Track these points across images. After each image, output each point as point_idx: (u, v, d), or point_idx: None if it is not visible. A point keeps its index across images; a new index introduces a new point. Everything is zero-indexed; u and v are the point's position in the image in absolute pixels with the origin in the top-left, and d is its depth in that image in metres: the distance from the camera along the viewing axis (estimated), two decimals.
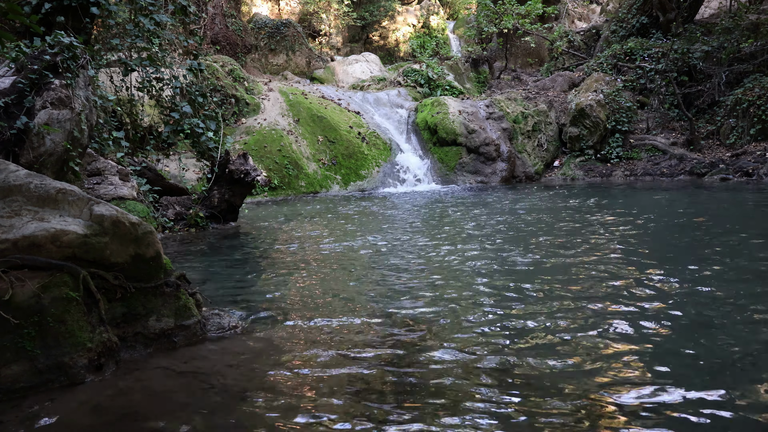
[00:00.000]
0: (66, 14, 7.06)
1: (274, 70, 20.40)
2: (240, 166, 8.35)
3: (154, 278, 3.40)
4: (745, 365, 2.94)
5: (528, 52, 23.60)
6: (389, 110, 17.13)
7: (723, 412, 2.46)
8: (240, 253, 6.55)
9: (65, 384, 2.89)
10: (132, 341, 3.31)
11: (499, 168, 14.61)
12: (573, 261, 5.36)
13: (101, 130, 7.52)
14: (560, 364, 3.03)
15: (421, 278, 4.99)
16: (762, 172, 11.95)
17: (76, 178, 5.68)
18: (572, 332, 3.49)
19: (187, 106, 8.36)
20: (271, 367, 3.12)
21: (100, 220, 3.20)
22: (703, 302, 3.97)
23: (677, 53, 14.98)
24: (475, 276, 4.97)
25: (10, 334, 2.80)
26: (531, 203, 10.09)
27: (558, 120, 16.11)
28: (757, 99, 13.10)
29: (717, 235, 6.43)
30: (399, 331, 3.62)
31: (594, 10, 23.94)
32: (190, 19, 9.39)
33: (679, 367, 2.94)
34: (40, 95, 5.28)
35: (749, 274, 4.64)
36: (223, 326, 3.72)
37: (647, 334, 3.42)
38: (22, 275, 2.90)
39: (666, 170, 13.66)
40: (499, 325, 3.67)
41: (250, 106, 14.85)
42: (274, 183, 12.86)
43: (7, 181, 3.21)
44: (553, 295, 4.27)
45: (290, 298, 4.53)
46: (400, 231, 7.63)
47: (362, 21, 24.14)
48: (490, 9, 20.42)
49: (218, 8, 18.74)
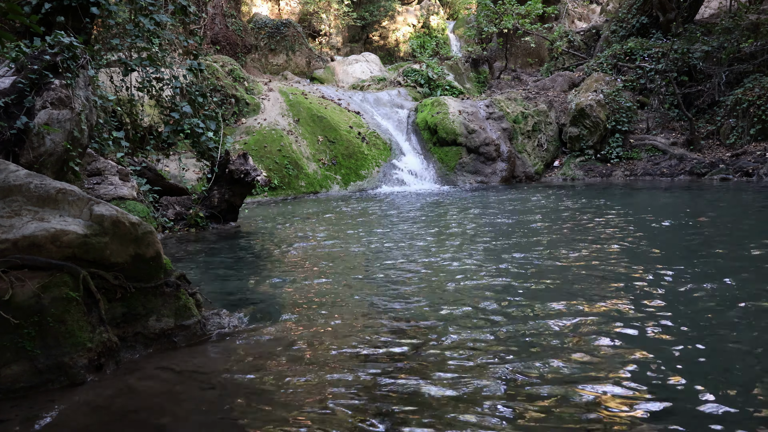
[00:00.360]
0: (66, 14, 7.06)
1: (274, 70, 20.40)
2: (240, 166, 8.35)
3: (154, 278, 3.40)
4: (752, 364, 2.94)
5: (528, 52, 23.60)
6: (389, 110, 17.13)
7: (734, 410, 2.46)
8: (240, 253, 6.55)
9: (65, 384, 2.89)
10: (132, 341, 3.31)
11: (499, 168, 14.61)
12: (574, 262, 5.36)
13: (101, 130, 7.52)
14: (563, 367, 3.02)
15: (421, 278, 4.99)
16: (762, 172, 11.95)
17: (76, 178, 5.68)
18: (574, 334, 3.49)
19: (187, 106, 8.36)
20: (272, 367, 3.12)
21: (100, 220, 3.20)
22: (704, 302, 3.97)
23: (677, 53, 14.99)
24: (476, 277, 4.97)
25: (10, 334, 2.80)
26: (531, 203, 10.09)
27: (558, 120, 16.11)
28: (757, 99, 13.10)
29: (717, 234, 6.43)
30: (399, 331, 3.62)
31: (594, 10, 23.94)
32: (190, 19, 9.39)
33: (687, 369, 2.94)
34: (40, 95, 5.28)
35: (750, 273, 4.64)
36: (223, 326, 3.72)
37: (649, 335, 3.42)
38: (22, 275, 2.90)
39: (666, 170, 13.66)
40: (499, 326, 3.66)
41: (250, 106, 14.85)
42: (274, 183, 12.86)
43: (7, 181, 3.21)
44: (554, 297, 4.27)
45: (290, 298, 4.53)
46: (400, 231, 7.63)
47: (362, 21, 24.14)
48: (490, 9, 20.42)
49: (218, 8, 18.74)
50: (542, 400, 2.63)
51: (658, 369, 2.92)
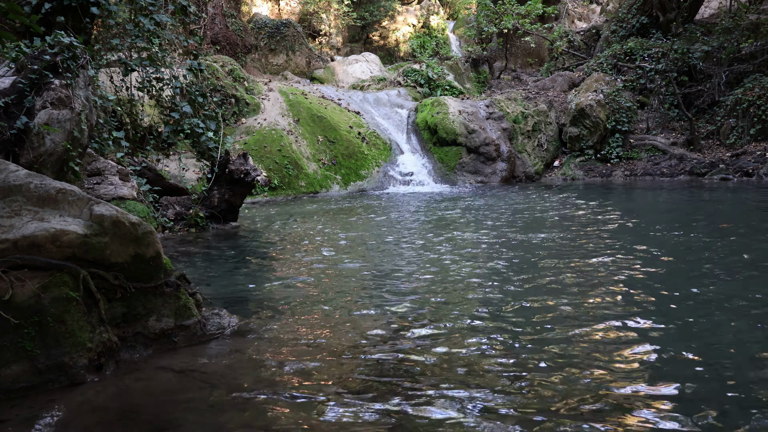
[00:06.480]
0: (66, 14, 7.06)
1: (274, 70, 20.39)
2: (240, 166, 8.35)
3: (154, 278, 3.40)
4: (750, 365, 2.94)
5: (528, 52, 23.60)
6: (389, 110, 17.13)
7: (734, 408, 2.46)
8: (240, 253, 6.55)
9: (65, 384, 2.89)
10: (132, 341, 3.31)
11: (499, 168, 14.61)
12: (574, 262, 5.36)
13: (101, 130, 7.52)
14: (565, 369, 3.02)
15: (421, 279, 4.99)
16: (762, 172, 11.95)
17: (76, 178, 5.68)
18: (577, 335, 3.49)
19: (187, 106, 8.35)
20: (272, 366, 3.12)
21: (100, 220, 3.20)
22: (706, 301, 3.97)
23: (677, 53, 14.98)
24: (476, 278, 4.97)
25: (10, 334, 2.80)
26: (531, 203, 10.08)
27: (558, 120, 16.11)
28: (757, 99, 13.10)
29: (717, 234, 6.43)
30: (399, 331, 3.62)
31: (594, 10, 23.93)
32: (190, 19, 9.39)
33: (687, 371, 2.94)
34: (40, 95, 5.28)
35: (752, 272, 4.64)
36: (223, 326, 3.72)
37: (650, 338, 3.42)
38: (22, 275, 2.90)
39: (666, 170, 13.66)
40: (500, 327, 3.67)
41: (250, 106, 14.85)
42: (274, 183, 12.86)
43: (7, 181, 3.21)
44: (555, 298, 4.27)
45: (290, 297, 4.53)
46: (399, 231, 7.63)
47: (362, 21, 24.13)
48: (490, 9, 20.42)
49: (218, 8, 18.73)
50: (546, 400, 2.63)
51: (658, 370, 2.92)
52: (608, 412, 2.50)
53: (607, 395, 2.64)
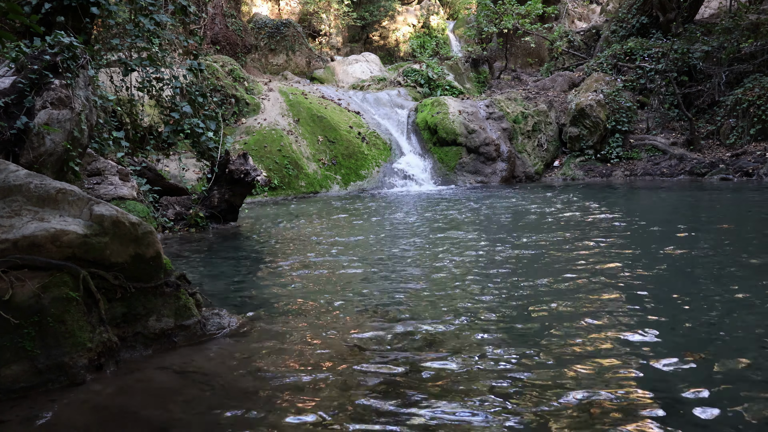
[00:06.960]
0: (66, 14, 7.06)
1: (274, 70, 20.39)
2: (240, 166, 8.35)
3: (154, 278, 3.40)
4: (750, 366, 2.94)
5: (528, 52, 23.60)
6: (389, 110, 17.13)
7: (735, 407, 2.46)
8: (240, 253, 6.55)
9: (65, 384, 2.89)
10: (132, 341, 3.31)
11: (499, 168, 14.61)
12: (575, 262, 5.36)
13: (101, 130, 7.52)
14: (565, 369, 3.03)
15: (420, 279, 4.99)
16: (762, 172, 11.95)
17: (76, 178, 5.68)
18: (577, 335, 3.49)
19: (187, 106, 8.35)
20: (272, 367, 3.12)
21: (100, 220, 3.20)
22: (708, 301, 3.97)
23: (677, 53, 14.98)
24: (477, 278, 4.97)
25: (10, 334, 2.80)
26: (531, 203, 10.09)
27: (558, 120, 16.11)
28: (757, 99, 13.10)
29: (718, 234, 6.43)
30: (399, 332, 3.62)
31: (594, 10, 23.93)
32: (190, 19, 9.39)
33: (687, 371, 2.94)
34: (40, 95, 5.28)
35: (752, 272, 4.64)
36: (223, 326, 3.72)
37: (651, 338, 3.42)
38: (22, 275, 2.90)
39: (666, 170, 13.66)
40: (501, 326, 3.67)
41: (250, 106, 14.85)
42: (274, 183, 12.86)
43: (7, 181, 3.21)
44: (556, 298, 4.27)
45: (290, 298, 4.53)
46: (399, 231, 7.63)
47: (362, 21, 24.13)
48: (490, 9, 20.41)
49: (218, 8, 18.73)
50: (547, 402, 2.63)
51: (658, 370, 2.92)
52: (609, 412, 2.50)
53: (607, 395, 2.65)
